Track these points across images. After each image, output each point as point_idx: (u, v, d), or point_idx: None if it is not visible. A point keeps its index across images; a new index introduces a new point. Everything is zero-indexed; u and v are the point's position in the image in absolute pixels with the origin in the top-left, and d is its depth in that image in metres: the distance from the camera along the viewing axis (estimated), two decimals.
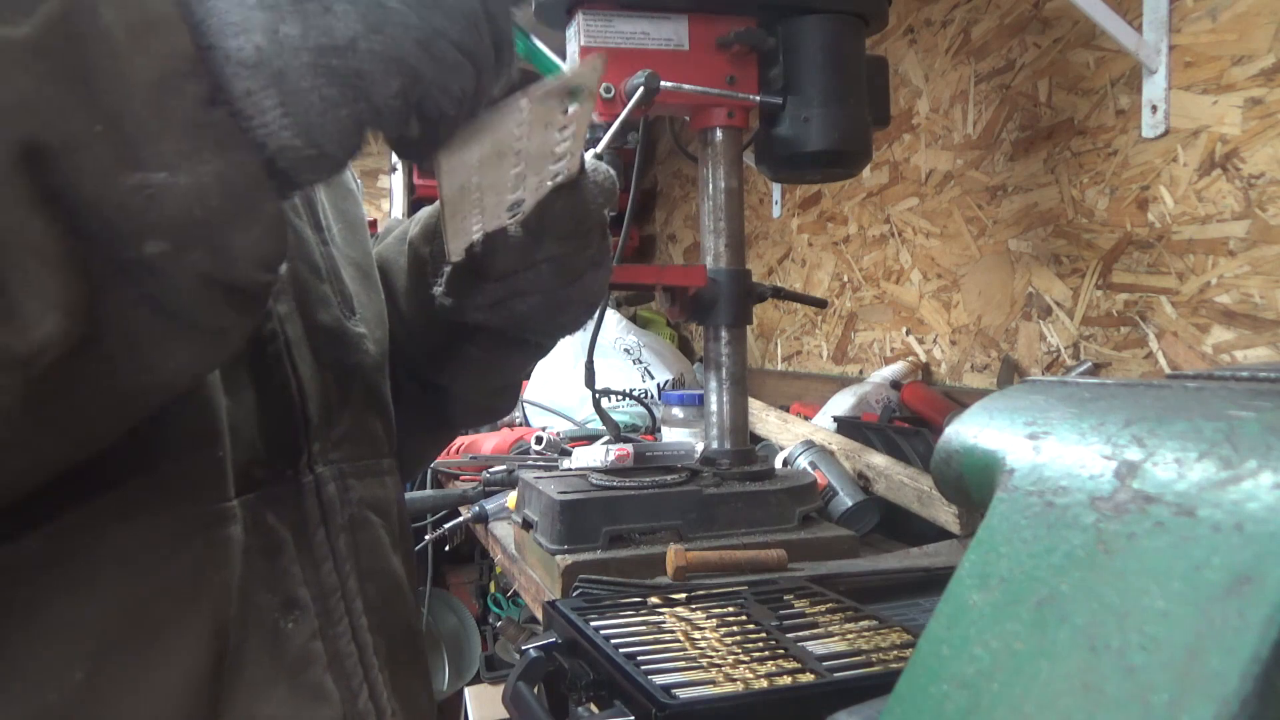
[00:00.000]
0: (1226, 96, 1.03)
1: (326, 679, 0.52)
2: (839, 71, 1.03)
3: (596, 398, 1.20)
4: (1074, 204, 1.26)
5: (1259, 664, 0.23)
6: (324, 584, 0.54)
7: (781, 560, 0.92)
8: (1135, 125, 1.14)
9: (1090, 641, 0.28)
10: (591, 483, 1.00)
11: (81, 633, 0.43)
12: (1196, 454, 0.28)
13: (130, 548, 0.45)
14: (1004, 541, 0.33)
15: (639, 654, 0.63)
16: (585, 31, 1.00)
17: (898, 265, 1.68)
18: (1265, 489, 0.26)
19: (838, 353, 1.89)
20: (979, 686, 0.30)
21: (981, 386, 1.47)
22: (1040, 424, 0.35)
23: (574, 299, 0.63)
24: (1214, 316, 1.07)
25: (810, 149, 1.03)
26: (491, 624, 2.44)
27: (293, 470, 0.54)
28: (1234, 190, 1.03)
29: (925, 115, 1.59)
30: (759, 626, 0.69)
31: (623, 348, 1.95)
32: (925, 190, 1.60)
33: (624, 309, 2.39)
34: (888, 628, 0.69)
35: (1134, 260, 1.17)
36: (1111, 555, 0.29)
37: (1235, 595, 0.25)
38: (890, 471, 1.16)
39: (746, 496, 1.00)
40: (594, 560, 0.90)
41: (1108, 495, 0.30)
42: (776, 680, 0.59)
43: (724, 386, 1.08)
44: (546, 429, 1.59)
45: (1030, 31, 1.33)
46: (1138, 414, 0.31)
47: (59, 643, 0.43)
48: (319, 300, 0.60)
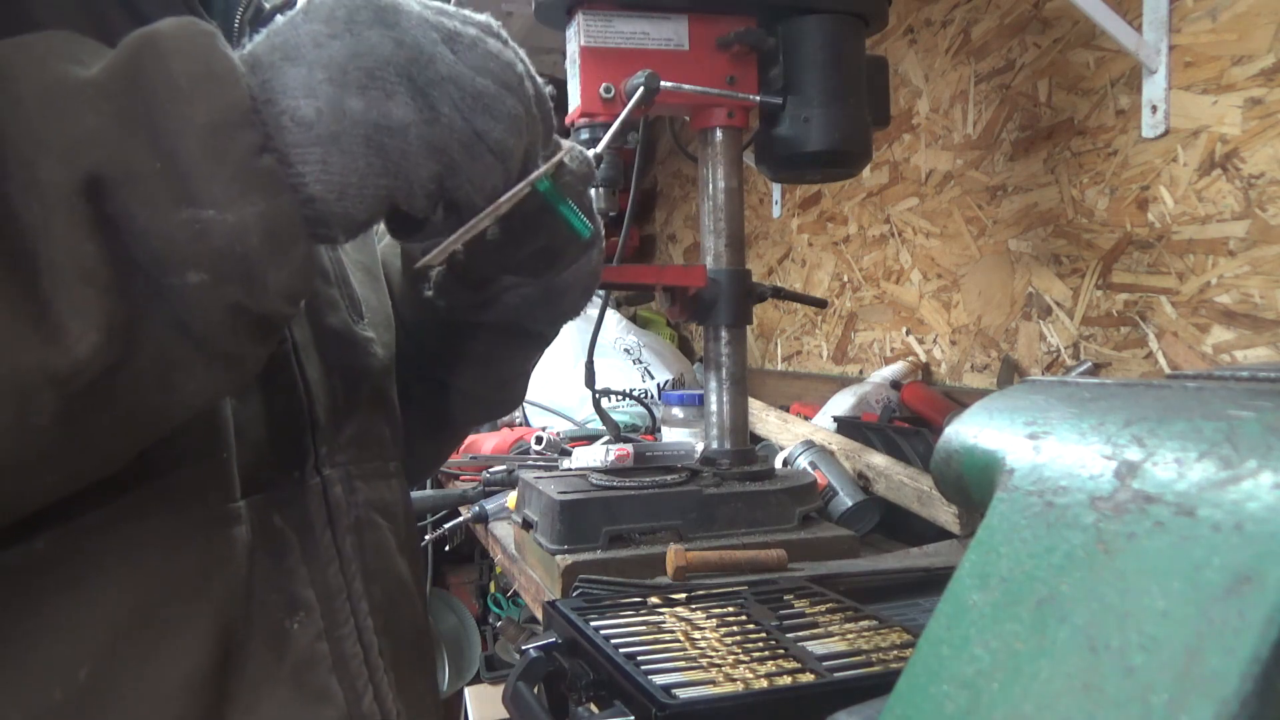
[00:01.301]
0: (1226, 96, 1.03)
1: (331, 680, 0.52)
2: (839, 71, 1.03)
3: (596, 398, 1.21)
4: (1074, 204, 1.26)
5: (1259, 664, 0.23)
6: (329, 585, 0.54)
7: (781, 560, 0.92)
8: (1135, 125, 1.14)
9: (1090, 641, 0.28)
10: (591, 483, 1.00)
11: (87, 631, 0.43)
12: (1196, 454, 0.28)
13: (136, 548, 0.45)
14: (1004, 541, 0.33)
15: (639, 654, 0.63)
16: (585, 32, 1.00)
17: (898, 265, 1.68)
18: (1265, 489, 0.26)
19: (838, 353, 1.89)
20: (979, 686, 0.30)
21: (981, 386, 1.47)
22: (1040, 424, 0.35)
23: (569, 284, 0.63)
24: (1214, 316, 1.07)
25: (810, 149, 1.03)
26: (491, 624, 2.44)
27: (299, 472, 0.55)
28: (1234, 190, 1.03)
29: (925, 115, 1.59)
30: (759, 626, 0.69)
31: (623, 348, 1.95)
32: (925, 190, 1.60)
33: (624, 309, 2.39)
34: (888, 628, 0.69)
35: (1134, 260, 1.17)
36: (1111, 555, 0.29)
37: (1235, 595, 0.25)
38: (890, 471, 1.16)
39: (746, 496, 1.00)
40: (594, 560, 0.90)
41: (1108, 495, 0.30)
42: (776, 680, 0.59)
43: (724, 386, 1.08)
44: (546, 429, 1.59)
45: (1030, 31, 1.33)
46: (1138, 414, 0.31)
47: (64, 641, 0.43)
48: (327, 304, 0.60)
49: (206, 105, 0.36)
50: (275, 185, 0.37)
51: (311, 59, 0.38)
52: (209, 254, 0.36)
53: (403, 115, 0.39)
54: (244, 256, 0.37)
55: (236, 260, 0.37)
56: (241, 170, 0.36)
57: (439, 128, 0.40)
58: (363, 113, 0.38)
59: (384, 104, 0.39)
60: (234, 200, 0.36)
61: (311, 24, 0.39)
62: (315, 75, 0.38)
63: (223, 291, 0.37)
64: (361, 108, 0.38)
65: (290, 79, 0.38)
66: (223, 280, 0.37)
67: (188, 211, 0.35)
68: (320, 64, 0.38)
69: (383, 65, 0.39)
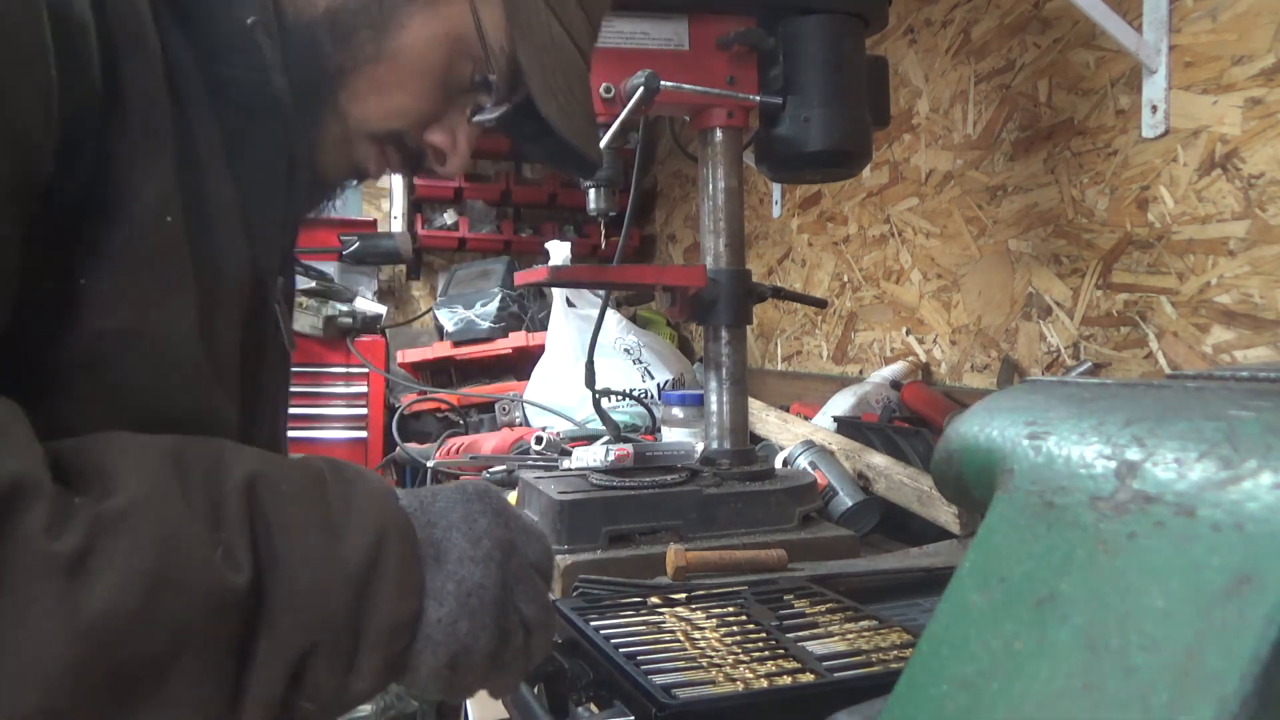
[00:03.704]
0: (1226, 96, 1.03)
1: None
2: (839, 71, 1.03)
3: (596, 398, 1.20)
4: (1074, 204, 1.26)
5: (1259, 664, 0.23)
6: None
7: (781, 560, 0.92)
8: (1135, 125, 1.14)
9: (1090, 641, 0.28)
10: (591, 483, 1.00)
11: None
12: (1196, 454, 0.28)
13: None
14: (1004, 541, 0.33)
15: (639, 654, 0.63)
16: None
17: (898, 265, 1.68)
18: (1265, 489, 0.26)
19: (838, 353, 1.89)
20: (979, 686, 0.30)
21: (981, 386, 1.47)
22: (1040, 424, 0.35)
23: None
24: (1214, 316, 1.07)
25: (810, 149, 1.03)
26: None
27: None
28: (1234, 190, 1.03)
29: (925, 115, 1.59)
30: (759, 626, 0.69)
31: (623, 348, 1.95)
32: (925, 190, 1.60)
33: (624, 309, 2.39)
34: (888, 628, 0.69)
35: (1134, 260, 1.17)
36: (1111, 555, 0.29)
37: (1235, 595, 0.25)
38: (890, 471, 1.16)
39: (746, 496, 1.00)
40: (594, 560, 0.90)
41: (1108, 495, 0.30)
42: (776, 680, 0.59)
43: (724, 386, 1.08)
44: (546, 429, 1.59)
45: (1030, 31, 1.33)
46: (1138, 414, 0.31)
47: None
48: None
49: (397, 607, 0.45)
50: (398, 672, 0.47)
51: (449, 570, 0.48)
52: (326, 700, 0.45)
53: (484, 646, 0.48)
54: (350, 705, 0.47)
55: (342, 709, 0.46)
56: (389, 658, 0.46)
57: (501, 656, 0.50)
58: (463, 635, 0.47)
59: (478, 633, 0.48)
60: (377, 681, 0.46)
61: (460, 540, 0.49)
62: (448, 586, 0.47)
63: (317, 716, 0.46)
64: (466, 632, 0.48)
65: (433, 582, 0.47)
66: (325, 711, 0.46)
67: (344, 680, 0.45)
68: (455, 578, 0.48)
69: (490, 603, 0.48)
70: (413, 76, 0.60)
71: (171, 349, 0.48)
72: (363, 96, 0.59)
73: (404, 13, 0.58)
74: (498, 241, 2.70)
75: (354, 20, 0.57)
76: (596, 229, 2.77)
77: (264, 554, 0.42)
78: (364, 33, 0.58)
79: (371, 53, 0.58)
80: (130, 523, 0.38)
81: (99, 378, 0.45)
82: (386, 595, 0.45)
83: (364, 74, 0.58)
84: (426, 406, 2.05)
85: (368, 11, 0.57)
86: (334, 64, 0.58)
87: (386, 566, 0.45)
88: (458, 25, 0.60)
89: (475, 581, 0.48)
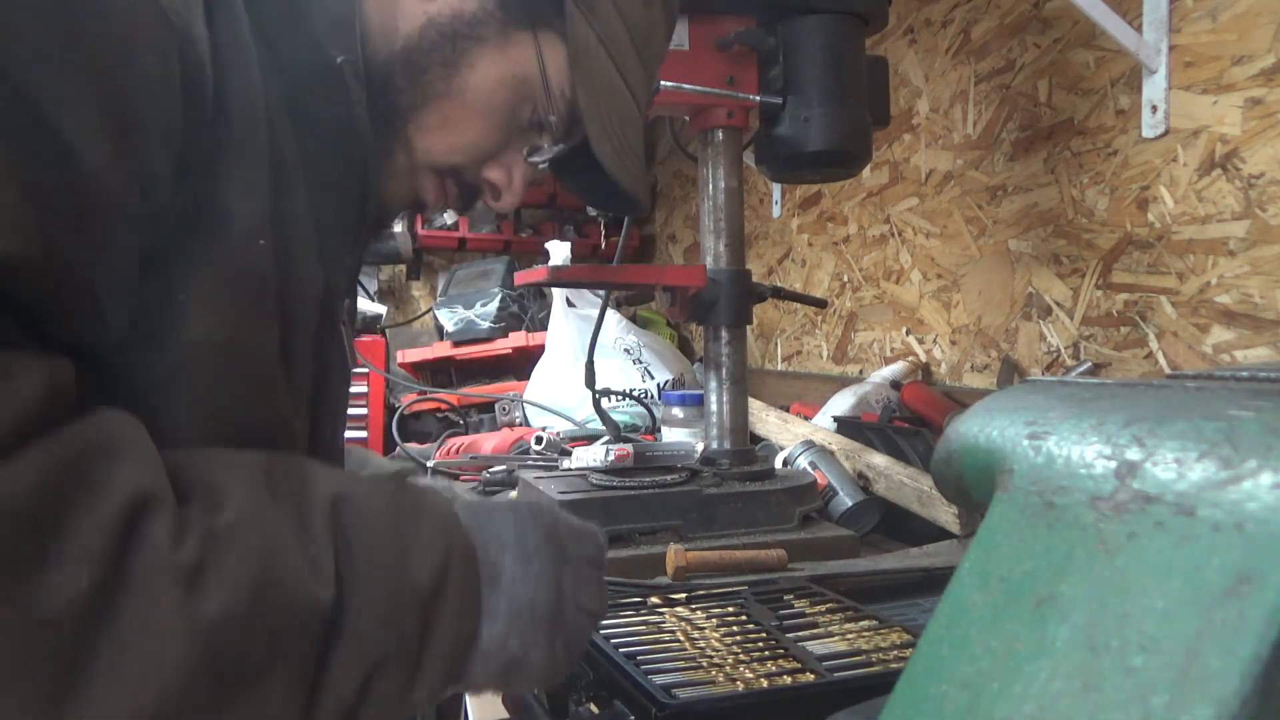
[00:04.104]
0: (1226, 96, 1.03)
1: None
2: (839, 71, 1.03)
3: (596, 398, 1.21)
4: (1074, 204, 1.26)
5: (1259, 664, 0.23)
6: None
7: (781, 560, 0.92)
8: (1135, 125, 1.14)
9: (1090, 642, 0.28)
10: (591, 483, 1.00)
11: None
12: (1196, 454, 0.28)
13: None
14: (1004, 541, 0.33)
15: (639, 654, 0.63)
16: None
17: (898, 265, 1.68)
18: (1265, 489, 0.26)
19: (838, 353, 1.89)
20: (979, 686, 0.30)
21: (981, 386, 1.47)
22: (1040, 424, 0.35)
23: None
24: (1214, 316, 1.07)
25: (810, 149, 1.03)
26: None
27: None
28: (1234, 190, 1.03)
29: (925, 115, 1.59)
30: (759, 626, 0.69)
31: (623, 348, 1.95)
32: (925, 190, 1.59)
33: (624, 309, 2.39)
34: (888, 628, 0.69)
35: (1134, 260, 1.17)
36: (1111, 555, 0.29)
37: (1235, 595, 0.25)
38: (890, 471, 1.16)
39: (746, 496, 1.00)
40: None
41: (1108, 495, 0.30)
42: (776, 680, 0.59)
43: (724, 386, 1.08)
44: (546, 429, 1.59)
45: (1030, 31, 1.33)
46: (1138, 414, 0.31)
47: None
48: None
49: (458, 626, 0.48)
50: (454, 683, 0.50)
51: (503, 589, 0.51)
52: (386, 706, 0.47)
53: (534, 658, 0.51)
54: (413, 706, 0.49)
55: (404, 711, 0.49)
56: (448, 672, 0.49)
57: (550, 669, 0.52)
58: (514, 651, 0.50)
59: (528, 648, 0.51)
60: (436, 691, 0.48)
61: (512, 562, 0.51)
62: (501, 605, 0.50)
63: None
64: (516, 647, 0.50)
65: (488, 601, 0.50)
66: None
67: (410, 691, 0.47)
68: (507, 596, 0.50)
69: (540, 618, 0.51)
70: (478, 114, 0.63)
71: (256, 363, 0.50)
72: (430, 130, 0.62)
73: (474, 53, 0.61)
74: (498, 241, 2.70)
75: (427, 59, 0.60)
76: (596, 229, 2.77)
77: (345, 571, 0.45)
78: (435, 70, 0.60)
79: (441, 90, 0.61)
80: (239, 536, 0.41)
81: (188, 389, 0.48)
82: (449, 615, 0.48)
83: (432, 109, 0.61)
84: (426, 406, 2.04)
85: (440, 51, 0.60)
86: (406, 99, 0.60)
87: (451, 589, 0.48)
88: (523, 67, 0.62)
89: (525, 600, 0.51)
